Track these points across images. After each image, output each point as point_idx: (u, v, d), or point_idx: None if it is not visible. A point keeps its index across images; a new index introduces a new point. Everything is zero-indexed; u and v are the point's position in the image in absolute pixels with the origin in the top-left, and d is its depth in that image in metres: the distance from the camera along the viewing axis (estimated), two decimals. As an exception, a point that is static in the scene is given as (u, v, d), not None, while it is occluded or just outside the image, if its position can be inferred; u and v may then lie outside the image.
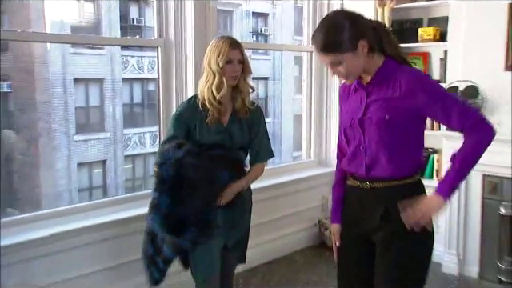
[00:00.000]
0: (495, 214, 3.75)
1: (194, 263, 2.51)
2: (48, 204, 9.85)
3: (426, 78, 2.06)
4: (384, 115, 1.93)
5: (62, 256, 2.98)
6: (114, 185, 11.53)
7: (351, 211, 2.12)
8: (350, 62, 1.89)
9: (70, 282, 3.01)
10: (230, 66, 2.41)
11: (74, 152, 10.99)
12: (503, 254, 3.76)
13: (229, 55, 2.40)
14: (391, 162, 1.96)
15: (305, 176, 4.55)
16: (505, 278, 3.73)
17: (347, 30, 1.86)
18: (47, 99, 10.40)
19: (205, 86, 2.44)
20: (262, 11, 13.80)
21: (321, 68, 4.69)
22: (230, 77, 2.42)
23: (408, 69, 1.98)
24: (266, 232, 4.18)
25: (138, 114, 12.27)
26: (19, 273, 2.82)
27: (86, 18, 10.93)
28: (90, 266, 3.10)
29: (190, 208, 2.33)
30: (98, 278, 3.13)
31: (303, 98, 4.85)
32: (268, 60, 13.62)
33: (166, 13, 3.56)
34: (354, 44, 1.87)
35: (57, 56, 10.40)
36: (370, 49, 1.92)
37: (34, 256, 2.87)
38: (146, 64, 11.83)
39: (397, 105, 1.92)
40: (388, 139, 1.94)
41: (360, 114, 1.99)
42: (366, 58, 1.92)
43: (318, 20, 4.56)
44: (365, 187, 2.03)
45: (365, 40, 1.89)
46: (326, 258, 4.25)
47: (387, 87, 1.94)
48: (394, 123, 1.92)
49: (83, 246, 3.07)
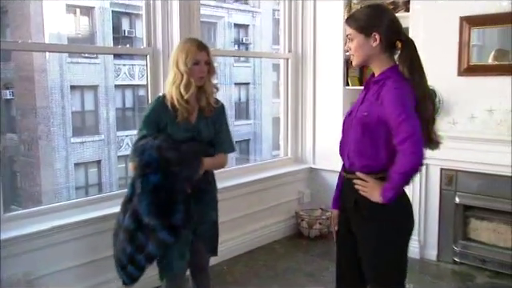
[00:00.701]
0: (451, 203, 3.79)
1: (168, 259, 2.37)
2: (48, 201, 9.76)
3: (400, 93, 1.89)
4: (364, 112, 1.95)
5: (61, 247, 2.95)
6: (108, 183, 11.43)
7: (341, 197, 2.15)
8: (358, 43, 1.94)
9: (68, 272, 2.99)
10: (197, 67, 2.32)
11: (71, 153, 10.89)
12: (458, 238, 3.82)
13: (196, 57, 2.31)
14: (362, 156, 1.97)
15: (283, 172, 4.52)
16: (459, 259, 3.79)
17: (374, 18, 1.93)
18: (46, 105, 10.31)
19: (172, 86, 2.33)
20: (242, 23, 13.78)
21: (296, 74, 4.69)
22: (198, 77, 2.33)
23: (396, 82, 1.91)
24: (248, 223, 4.16)
25: (130, 117, 12.18)
26: (21, 263, 2.79)
27: (81, 30, 10.84)
28: (87, 257, 3.07)
29: (181, 179, 2.22)
30: (95, 268, 3.09)
31: (281, 101, 4.82)
32: (249, 67, 13.64)
33: (154, 24, 3.53)
34: (369, 32, 1.91)
35: (55, 65, 10.33)
36: (384, 47, 1.93)
37: (37, 247, 2.84)
38: (137, 72, 11.76)
39: (374, 107, 1.92)
40: (359, 134, 1.95)
41: (357, 105, 2.02)
42: (375, 51, 1.93)
43: (293, 30, 4.64)
44: (346, 177, 2.06)
45: (379, 34, 1.91)
46: (302, 247, 4.27)
47: (377, 89, 1.95)
48: (367, 122, 1.92)
49: (80, 238, 3.04)
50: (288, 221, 4.57)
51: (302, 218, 4.48)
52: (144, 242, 2.24)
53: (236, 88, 13.52)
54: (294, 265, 3.88)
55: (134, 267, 2.28)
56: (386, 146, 1.92)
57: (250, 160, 12.99)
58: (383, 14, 1.97)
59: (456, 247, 3.80)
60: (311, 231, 4.41)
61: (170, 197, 2.19)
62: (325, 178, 4.63)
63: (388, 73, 1.95)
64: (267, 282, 3.57)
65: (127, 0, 11.11)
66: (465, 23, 3.61)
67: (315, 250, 4.19)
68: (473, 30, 3.62)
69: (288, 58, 4.67)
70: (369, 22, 1.93)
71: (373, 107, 1.92)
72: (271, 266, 3.87)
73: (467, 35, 3.62)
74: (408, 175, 1.89)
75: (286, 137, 4.80)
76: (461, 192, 3.76)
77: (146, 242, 2.24)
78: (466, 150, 3.62)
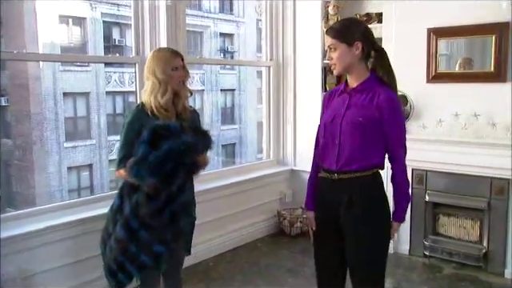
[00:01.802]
0: (421, 200, 3.88)
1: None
2: (42, 204, 9.67)
3: (397, 104, 2.09)
4: (358, 117, 2.01)
5: (55, 246, 2.97)
6: (99, 185, 11.38)
7: (322, 199, 2.15)
8: (341, 52, 2.01)
9: (62, 269, 3.01)
10: (176, 72, 2.31)
11: (64, 157, 10.83)
12: (428, 234, 3.91)
13: (174, 63, 2.30)
14: (357, 157, 2.02)
15: (265, 174, 4.57)
16: (429, 253, 3.88)
17: (353, 28, 2.02)
18: (40, 111, 10.26)
19: (151, 95, 2.28)
20: (228, 32, 13.84)
21: (278, 81, 4.75)
22: (178, 82, 2.31)
23: (387, 89, 2.04)
24: (232, 222, 4.18)
25: (121, 122, 12.09)
26: (17, 261, 2.80)
27: (73, 39, 10.80)
28: (81, 255, 3.07)
29: (179, 142, 2.11)
30: (87, 265, 3.08)
31: (263, 106, 4.87)
32: (234, 74, 13.69)
33: (142, 33, 3.57)
34: (351, 41, 1.99)
35: (48, 73, 10.29)
36: (363, 56, 2.02)
37: (32, 246, 2.86)
38: (127, 79, 11.73)
39: (370, 112, 2.00)
40: (357, 138, 2.01)
41: (341, 112, 2.06)
42: (356, 59, 2.02)
43: (274, 39, 4.71)
44: (334, 178, 2.07)
45: (361, 43, 1.99)
46: (284, 244, 4.32)
47: (366, 96, 2.02)
48: (364, 126, 2.00)
49: (74, 237, 3.06)
50: (270, 220, 4.61)
51: (283, 216, 4.53)
52: (136, 254, 2.20)
53: (222, 94, 13.55)
54: (276, 261, 3.92)
55: (124, 276, 2.25)
56: (383, 145, 2.06)
57: (236, 162, 13.03)
58: (361, 25, 2.11)
59: (426, 242, 3.88)
60: (292, 229, 4.47)
61: (175, 167, 2.12)
62: (305, 179, 4.59)
63: (371, 80, 2.05)
64: (251, 277, 3.61)
65: (117, 11, 11.11)
66: (432, 34, 3.73)
67: (296, 247, 4.25)
68: (440, 41, 3.73)
69: (270, 66, 4.74)
70: (351, 32, 2.01)
71: (366, 112, 2.00)
72: (254, 262, 3.91)
73: (434, 45, 3.74)
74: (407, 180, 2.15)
75: (269, 140, 4.85)
76: (430, 190, 3.86)
77: (138, 254, 2.20)
78: (435, 151, 3.73)
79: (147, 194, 2.15)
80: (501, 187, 3.53)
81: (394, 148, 2.05)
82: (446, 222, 3.88)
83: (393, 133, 2.03)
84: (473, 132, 3.61)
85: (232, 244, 4.17)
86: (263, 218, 4.52)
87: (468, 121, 3.61)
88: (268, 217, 4.58)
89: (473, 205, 3.68)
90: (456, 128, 3.67)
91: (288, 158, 4.82)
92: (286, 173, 4.77)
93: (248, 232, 4.35)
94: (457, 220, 3.82)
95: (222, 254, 4.02)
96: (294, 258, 4.01)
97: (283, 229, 4.53)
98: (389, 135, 2.02)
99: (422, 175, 3.88)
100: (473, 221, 3.74)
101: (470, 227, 3.76)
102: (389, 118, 2.00)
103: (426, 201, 3.87)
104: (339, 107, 2.09)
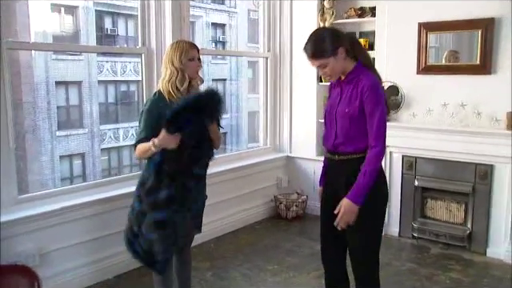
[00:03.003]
0: (411, 185, 4.14)
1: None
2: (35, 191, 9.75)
3: (376, 87, 2.20)
4: (345, 108, 2.22)
5: (70, 225, 3.17)
6: (92, 174, 11.45)
7: (328, 176, 2.41)
8: (332, 64, 2.19)
9: (77, 247, 3.21)
10: (192, 62, 2.47)
11: (56, 146, 10.87)
12: (416, 216, 4.18)
13: (190, 54, 2.47)
14: (351, 142, 2.23)
15: (263, 160, 4.78)
16: (417, 235, 4.14)
17: (328, 40, 2.17)
18: (32, 100, 10.26)
19: (168, 82, 2.44)
20: (220, 22, 13.93)
21: (275, 71, 4.96)
22: (194, 71, 2.48)
23: (369, 74, 2.22)
24: (232, 206, 4.40)
25: (113, 112, 12.20)
26: (36, 239, 3.00)
27: (66, 28, 10.82)
28: (95, 234, 3.30)
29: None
30: (102, 243, 3.33)
31: (260, 96, 5.08)
32: (226, 64, 13.80)
33: (148, 25, 3.72)
34: (335, 51, 2.17)
35: (40, 62, 10.27)
36: (347, 54, 2.21)
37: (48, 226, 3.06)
38: (119, 68, 11.78)
39: (355, 101, 2.20)
40: (347, 126, 2.23)
41: (335, 104, 2.29)
42: (344, 60, 2.21)
43: (272, 31, 4.91)
44: (334, 159, 2.32)
45: (343, 47, 2.19)
46: (281, 227, 4.56)
47: (353, 86, 2.23)
48: (351, 116, 2.20)
49: (89, 217, 3.27)
50: (267, 204, 4.83)
51: (280, 201, 4.76)
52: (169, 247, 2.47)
53: (214, 83, 13.67)
54: (275, 242, 4.15)
55: (162, 264, 2.50)
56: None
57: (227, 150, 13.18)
58: (334, 33, 2.24)
59: (415, 224, 4.14)
60: (288, 213, 4.71)
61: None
62: (300, 165, 4.94)
63: (356, 70, 2.25)
64: (250, 257, 3.84)
65: (110, 0, 11.14)
66: (422, 28, 3.96)
67: (293, 230, 4.49)
68: (430, 34, 3.96)
69: (267, 57, 4.94)
70: (332, 46, 2.18)
71: (353, 103, 2.21)
72: (253, 243, 4.14)
73: (425, 39, 3.96)
74: (376, 167, 2.20)
75: (266, 128, 5.06)
76: (419, 176, 4.11)
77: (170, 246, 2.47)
78: (424, 139, 3.98)
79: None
80: (484, 172, 3.80)
81: (371, 134, 2.20)
82: (433, 205, 4.15)
83: (371, 120, 2.18)
84: (459, 121, 3.86)
85: (231, 227, 4.40)
86: (261, 202, 4.74)
87: (455, 110, 3.86)
88: (265, 201, 4.80)
89: (458, 189, 3.94)
90: (444, 117, 3.92)
91: (284, 145, 5.05)
92: (281, 159, 5.00)
93: (247, 215, 4.58)
94: (443, 203, 4.09)
95: (222, 236, 4.25)
96: (291, 239, 4.25)
97: (280, 213, 4.76)
98: (367, 121, 2.19)
99: (411, 161, 4.13)
100: (458, 204, 4.01)
101: (455, 210, 4.03)
102: (367, 105, 2.17)
103: (415, 186, 4.12)
104: (334, 99, 2.32)
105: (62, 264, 3.13)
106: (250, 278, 3.48)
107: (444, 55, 3.98)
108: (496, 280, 3.44)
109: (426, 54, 3.98)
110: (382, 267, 2.45)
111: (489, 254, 3.84)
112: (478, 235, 3.89)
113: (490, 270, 3.59)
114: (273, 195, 4.84)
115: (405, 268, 3.64)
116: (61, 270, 3.12)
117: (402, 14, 4.09)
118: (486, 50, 3.71)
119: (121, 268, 3.44)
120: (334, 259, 2.47)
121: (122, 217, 3.34)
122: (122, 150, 11.86)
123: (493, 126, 3.71)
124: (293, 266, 3.67)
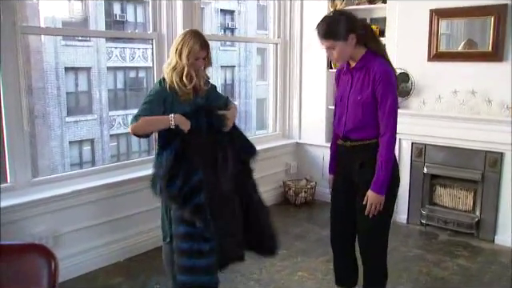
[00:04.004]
0: (420, 172, 4.16)
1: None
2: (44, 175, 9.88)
3: (389, 74, 2.22)
4: (357, 96, 2.25)
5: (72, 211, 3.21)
6: (101, 160, 11.55)
7: (340, 162, 2.45)
8: (340, 48, 2.22)
9: (87, 230, 3.28)
10: (197, 62, 2.51)
11: (66, 132, 10.97)
12: (425, 203, 4.20)
13: (198, 55, 2.50)
14: (363, 129, 2.27)
15: (272, 146, 4.80)
16: (425, 221, 4.17)
17: (342, 25, 2.19)
18: (42, 86, 10.34)
19: (173, 72, 2.48)
20: (229, 8, 13.87)
21: (284, 58, 4.96)
22: (196, 69, 2.52)
23: (381, 61, 2.24)
24: (241, 191, 4.47)
25: (121, 98, 12.26)
26: (49, 221, 3.07)
27: (75, 14, 10.85)
28: (104, 217, 3.37)
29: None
30: (111, 226, 3.40)
31: (269, 82, 5.09)
32: (235, 51, 13.78)
33: (159, 11, 3.74)
34: (346, 36, 2.19)
35: (50, 47, 10.33)
36: (357, 41, 2.22)
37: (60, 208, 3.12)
38: (128, 54, 11.82)
39: (367, 88, 2.22)
40: (360, 113, 2.26)
41: (346, 91, 2.32)
42: (353, 48, 2.23)
43: (282, 18, 4.90)
44: (347, 145, 2.35)
45: (354, 34, 2.20)
46: (290, 213, 4.60)
47: (364, 73, 2.24)
48: (364, 102, 2.23)
49: (97, 201, 3.33)
50: (276, 189, 4.87)
51: (289, 187, 4.81)
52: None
53: (222, 70, 13.69)
54: (284, 227, 4.17)
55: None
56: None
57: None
58: (349, 18, 2.25)
59: (423, 211, 4.17)
60: (297, 199, 4.75)
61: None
62: (309, 151, 4.97)
63: (367, 57, 2.26)
64: (259, 241, 3.89)
65: (119, -15, 11.14)
66: (434, 15, 3.94)
67: (301, 215, 4.54)
68: (441, 21, 3.94)
69: (277, 43, 4.95)
70: (344, 29, 2.20)
71: (364, 90, 2.23)
72: (262, 228, 4.19)
73: (436, 25, 3.95)
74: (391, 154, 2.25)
75: (275, 114, 5.08)
76: (428, 163, 4.12)
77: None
78: (434, 126, 3.99)
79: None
80: (494, 160, 3.81)
81: (381, 122, 2.23)
82: (442, 192, 4.17)
83: (382, 108, 2.21)
84: (470, 108, 3.86)
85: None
86: (270, 187, 4.75)
87: (465, 97, 3.86)
88: (274, 187, 4.84)
89: (467, 176, 3.96)
90: (454, 104, 3.92)
91: (293, 131, 5.08)
92: (291, 145, 5.03)
93: (256, 201, 4.61)
94: (452, 191, 4.11)
95: (232, 221, 4.29)
96: (299, 224, 4.30)
97: (288, 198, 4.81)
98: (379, 109, 2.22)
99: (421, 148, 4.14)
100: (467, 191, 4.03)
101: (464, 197, 4.05)
102: (379, 92, 2.19)
103: (424, 173, 4.14)
104: (345, 86, 2.34)
105: (74, 246, 3.20)
106: (258, 261, 3.52)
107: (461, 44, 3.94)
108: (504, 267, 3.46)
109: (437, 40, 3.97)
110: (390, 253, 2.49)
111: (497, 241, 3.86)
112: (486, 223, 3.91)
113: (497, 257, 3.62)
114: (282, 181, 4.88)
115: (412, 254, 3.68)
116: (73, 252, 3.19)
117: (413, 0, 4.06)
118: (498, 37, 3.69)
119: (132, 250, 3.52)
120: (343, 245, 2.52)
121: (132, 201, 3.46)
122: (131, 136, 11.95)
123: (503, 114, 3.71)
124: (301, 251, 3.72)
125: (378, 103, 2.22)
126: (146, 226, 3.54)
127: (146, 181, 3.51)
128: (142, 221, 3.53)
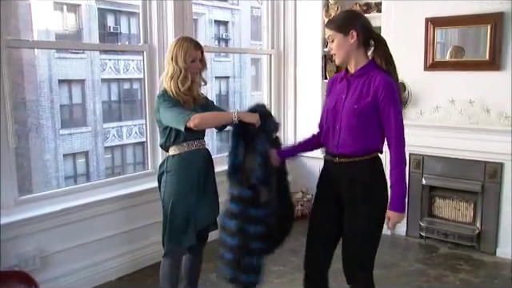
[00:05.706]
0: (418, 184, 4.06)
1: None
2: (38, 190, 9.74)
3: (392, 86, 2.09)
4: (353, 105, 2.10)
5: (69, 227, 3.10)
6: (96, 172, 11.42)
7: (327, 177, 2.27)
8: (339, 42, 2.12)
9: (77, 249, 3.14)
10: (194, 64, 2.51)
11: (60, 144, 10.85)
12: (424, 215, 4.10)
13: (193, 55, 2.49)
14: (355, 142, 2.12)
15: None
16: (424, 234, 4.06)
17: (346, 17, 2.17)
18: (35, 98, 10.24)
19: (171, 81, 2.48)
20: (222, 19, 13.86)
21: (278, 68, 4.87)
22: (193, 72, 2.52)
23: (384, 73, 2.09)
24: (236, 205, 4.35)
25: (116, 110, 12.17)
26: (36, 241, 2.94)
27: (68, 26, 10.78)
28: (93, 236, 3.24)
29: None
30: (99, 246, 3.27)
31: (264, 93, 5.00)
32: (229, 61, 13.73)
33: (149, 22, 3.65)
34: (347, 29, 2.10)
35: (43, 60, 10.25)
36: (360, 44, 2.11)
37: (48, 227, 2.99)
38: (122, 66, 11.75)
39: (366, 98, 2.08)
40: (354, 124, 2.10)
41: (342, 99, 2.16)
42: (353, 48, 2.11)
43: (276, 28, 4.82)
44: (335, 161, 2.19)
45: (356, 32, 2.09)
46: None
47: (364, 82, 2.11)
48: (360, 113, 2.08)
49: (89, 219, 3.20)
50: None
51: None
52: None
53: (217, 81, 13.62)
54: (279, 242, 4.08)
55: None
56: (380, 130, 2.12)
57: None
58: (357, 15, 2.27)
59: (422, 223, 4.07)
60: (293, 212, 4.63)
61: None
62: (305, 163, 4.85)
63: (369, 66, 2.14)
64: (255, 257, 3.76)
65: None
66: (430, 24, 3.87)
67: (297, 229, 4.33)
68: (437, 30, 3.87)
69: (271, 54, 4.86)
70: (346, 22, 2.13)
71: (363, 99, 2.09)
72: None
73: (432, 34, 3.88)
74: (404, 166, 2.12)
75: (270, 126, 4.96)
76: (427, 174, 4.03)
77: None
78: (432, 136, 3.90)
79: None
80: (494, 171, 3.72)
81: (389, 135, 2.10)
82: (441, 204, 4.07)
83: (388, 120, 2.07)
84: (468, 118, 3.78)
85: (236, 226, 4.31)
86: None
87: (463, 107, 3.77)
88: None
89: (467, 188, 3.86)
90: (452, 114, 3.84)
91: (288, 143, 4.94)
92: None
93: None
94: (452, 202, 4.01)
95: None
96: (295, 238, 4.11)
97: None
98: (384, 122, 2.09)
99: (419, 159, 4.04)
100: (467, 203, 3.93)
101: (464, 209, 3.95)
102: (384, 105, 2.05)
103: (422, 184, 4.04)
104: (340, 94, 2.18)
105: (62, 266, 3.06)
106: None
107: (449, 50, 3.89)
108: (507, 281, 3.36)
109: (433, 50, 3.90)
110: (390, 267, 2.39)
111: (499, 253, 3.76)
112: (487, 235, 3.81)
113: (500, 271, 3.51)
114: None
115: (413, 268, 3.56)
116: (62, 272, 3.06)
117: (408, 9, 4.00)
118: (495, 46, 3.62)
119: (123, 269, 3.39)
120: (318, 264, 2.40)
121: (126, 217, 3.34)
122: (126, 148, 11.84)
123: (502, 123, 3.62)
124: (297, 267, 3.58)
125: (381, 116, 2.08)
126: (139, 244, 3.42)
127: (139, 197, 3.45)
128: (135, 239, 3.41)
